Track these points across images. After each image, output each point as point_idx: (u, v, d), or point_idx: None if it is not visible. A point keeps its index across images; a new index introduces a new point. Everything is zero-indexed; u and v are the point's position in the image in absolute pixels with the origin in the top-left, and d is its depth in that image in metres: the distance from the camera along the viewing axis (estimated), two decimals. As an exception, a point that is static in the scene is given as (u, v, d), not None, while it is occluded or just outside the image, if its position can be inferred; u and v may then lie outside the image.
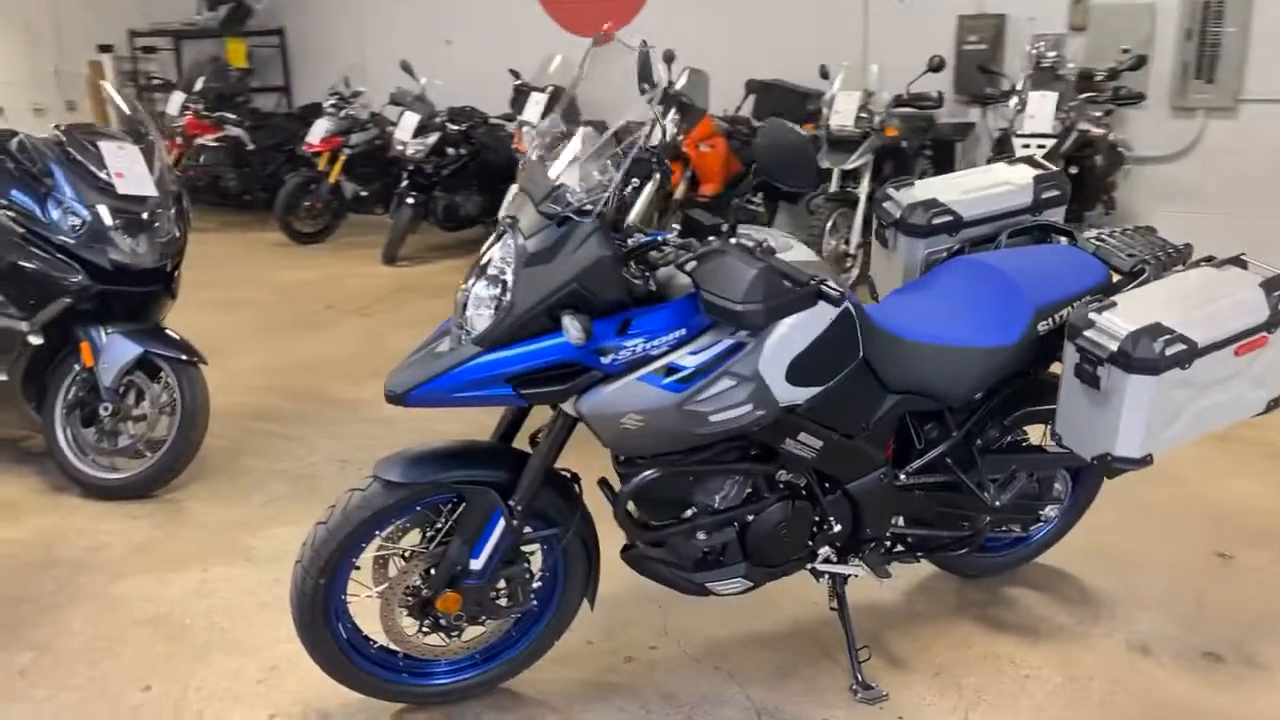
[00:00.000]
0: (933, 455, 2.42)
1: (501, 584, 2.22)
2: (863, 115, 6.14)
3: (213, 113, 9.61)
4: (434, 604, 2.15)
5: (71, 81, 11.47)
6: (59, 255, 3.39)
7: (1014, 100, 5.62)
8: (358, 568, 2.20)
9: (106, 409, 3.48)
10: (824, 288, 1.88)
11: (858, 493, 2.35)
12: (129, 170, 3.51)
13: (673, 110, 7.12)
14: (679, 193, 6.78)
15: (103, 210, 3.44)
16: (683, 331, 1.93)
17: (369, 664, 2.26)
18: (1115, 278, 2.49)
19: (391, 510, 2.10)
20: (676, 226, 2.07)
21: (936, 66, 6.06)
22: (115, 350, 3.45)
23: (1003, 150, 5.59)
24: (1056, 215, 2.75)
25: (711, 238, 1.96)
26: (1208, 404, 2.24)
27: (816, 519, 2.35)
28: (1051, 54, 5.70)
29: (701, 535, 2.25)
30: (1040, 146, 5.40)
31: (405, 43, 9.99)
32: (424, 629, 2.21)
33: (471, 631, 2.29)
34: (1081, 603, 2.78)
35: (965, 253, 2.66)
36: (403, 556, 2.18)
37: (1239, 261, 2.36)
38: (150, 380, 3.55)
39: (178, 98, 9.54)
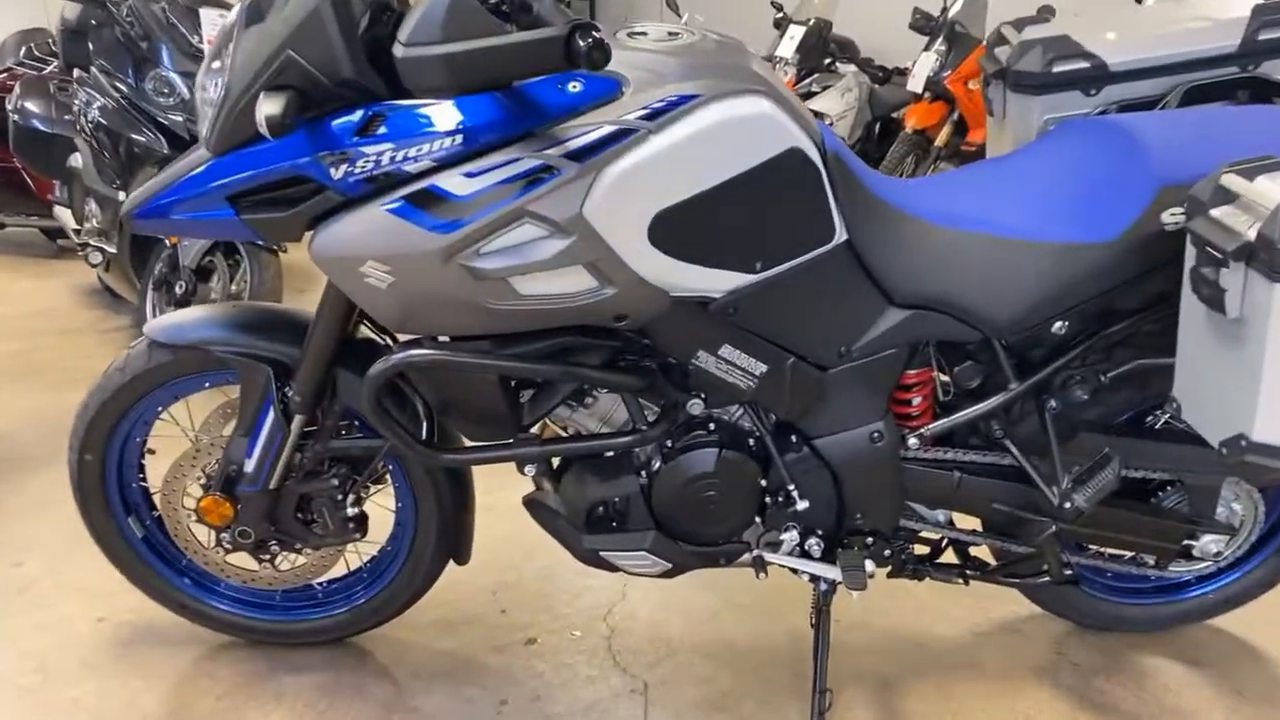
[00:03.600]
0: (970, 414, 1.53)
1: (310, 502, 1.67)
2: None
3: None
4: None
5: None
6: (149, 125, 3.30)
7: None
8: (151, 451, 1.75)
9: (182, 287, 3.35)
10: (579, 43, 1.11)
11: (833, 455, 1.54)
12: None
13: (939, 39, 6.04)
14: (941, 139, 5.77)
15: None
16: (459, 139, 1.25)
17: (175, 574, 1.81)
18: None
19: (159, 378, 1.62)
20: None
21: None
22: None
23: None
24: (1291, 69, 1.69)
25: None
26: None
27: (765, 484, 1.56)
28: None
29: (594, 481, 1.57)
30: None
31: (703, -11, 9.62)
32: (223, 545, 1.71)
33: (293, 560, 1.77)
34: (1254, 699, 1.72)
35: (1110, 120, 1.68)
36: (194, 444, 1.69)
37: None
38: (228, 265, 3.38)
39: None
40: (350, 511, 1.67)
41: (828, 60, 6.82)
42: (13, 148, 4.39)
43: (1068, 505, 1.48)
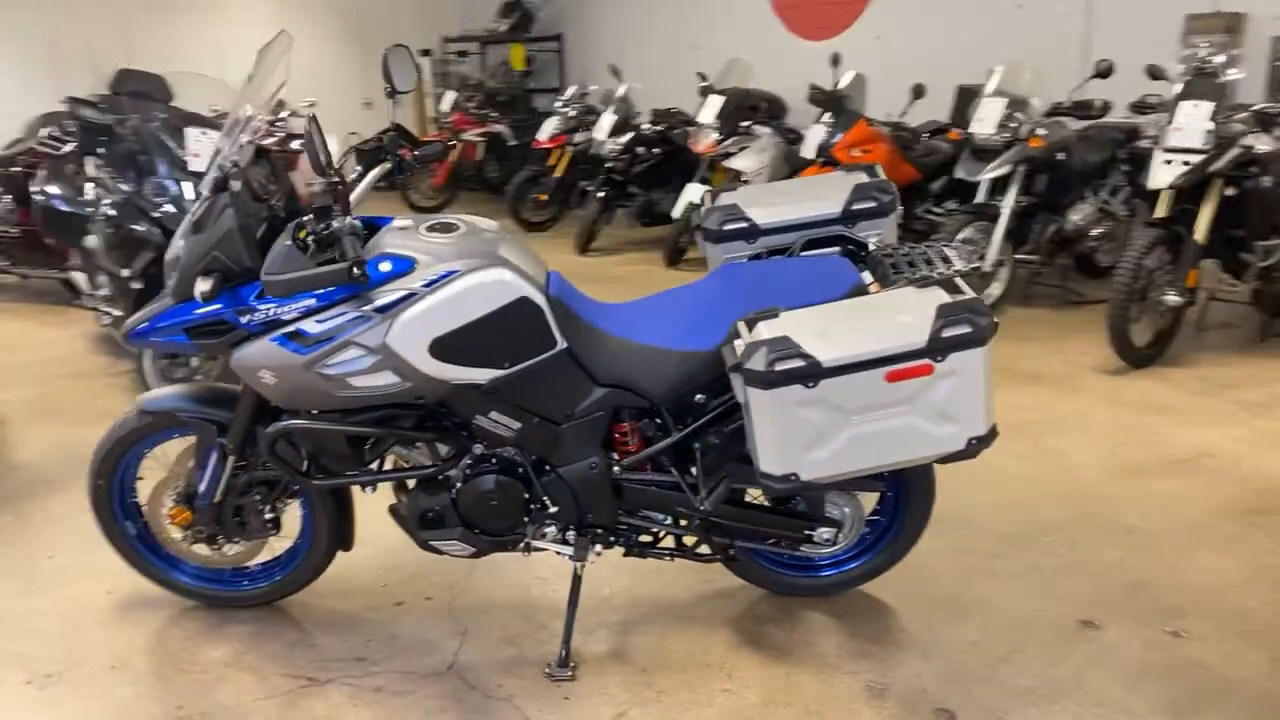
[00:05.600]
0: (649, 452, 2.45)
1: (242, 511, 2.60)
2: (1009, 123, 5.75)
3: (482, 111, 10.70)
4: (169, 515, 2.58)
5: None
6: (147, 219, 4.24)
7: (1166, 112, 4.98)
8: (141, 478, 2.68)
9: None
10: (355, 272, 2.03)
11: (570, 478, 2.46)
12: (205, 152, 4.27)
13: (827, 113, 6.96)
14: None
15: (186, 186, 4.25)
16: (312, 301, 2.18)
17: (158, 559, 2.73)
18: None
19: (145, 432, 2.55)
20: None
21: (1103, 72, 5.56)
22: None
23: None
24: (876, 227, 2.60)
25: (303, 218, 2.19)
26: (867, 431, 2.09)
27: (528, 497, 2.48)
28: (1218, 58, 4.97)
29: (424, 495, 2.49)
30: (1185, 164, 4.79)
31: (659, 48, 10.58)
32: (187, 538, 2.64)
33: (232, 550, 2.69)
34: (864, 639, 2.62)
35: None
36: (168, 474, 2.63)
37: (950, 284, 2.15)
38: None
39: (449, 96, 10.76)
40: (268, 516, 2.59)
41: (746, 124, 7.72)
42: (37, 223, 5.34)
43: (702, 507, 2.40)
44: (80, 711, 2.37)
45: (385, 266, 2.20)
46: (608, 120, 8.31)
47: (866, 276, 2.42)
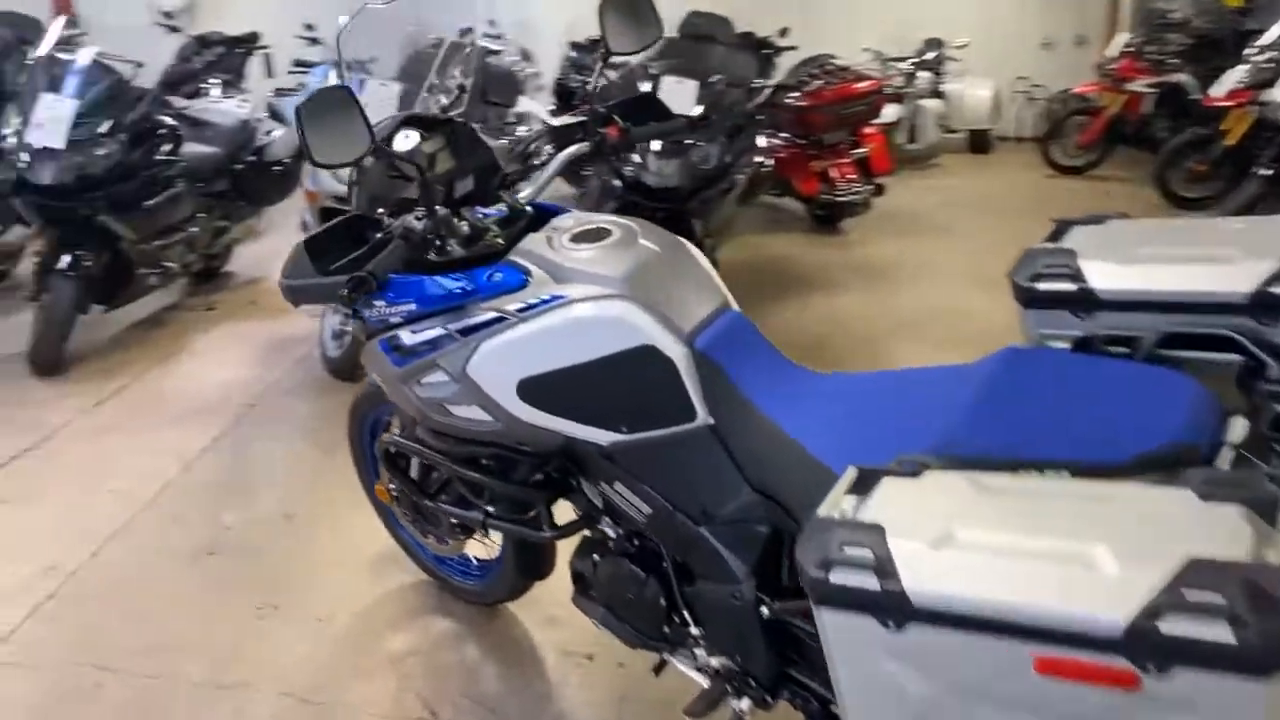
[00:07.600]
0: (801, 603, 1.64)
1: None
2: None
3: (1159, 57, 8.99)
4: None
5: (1089, 20, 11.69)
6: None
7: None
8: (390, 439, 2.62)
9: None
10: (349, 291, 1.55)
11: (709, 599, 1.79)
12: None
13: None
14: None
15: None
16: (413, 306, 1.80)
17: (398, 524, 2.67)
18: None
19: (377, 400, 2.44)
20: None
21: None
22: None
23: None
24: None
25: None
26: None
27: (665, 604, 1.86)
28: None
29: (576, 557, 2.04)
30: None
31: None
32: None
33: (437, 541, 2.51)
34: None
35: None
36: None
37: (1272, 507, 0.96)
38: None
39: (1120, 38, 9.19)
40: (454, 522, 2.35)
41: None
42: None
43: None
44: (269, 651, 2.45)
45: (496, 277, 1.75)
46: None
47: (1238, 429, 1.27)
